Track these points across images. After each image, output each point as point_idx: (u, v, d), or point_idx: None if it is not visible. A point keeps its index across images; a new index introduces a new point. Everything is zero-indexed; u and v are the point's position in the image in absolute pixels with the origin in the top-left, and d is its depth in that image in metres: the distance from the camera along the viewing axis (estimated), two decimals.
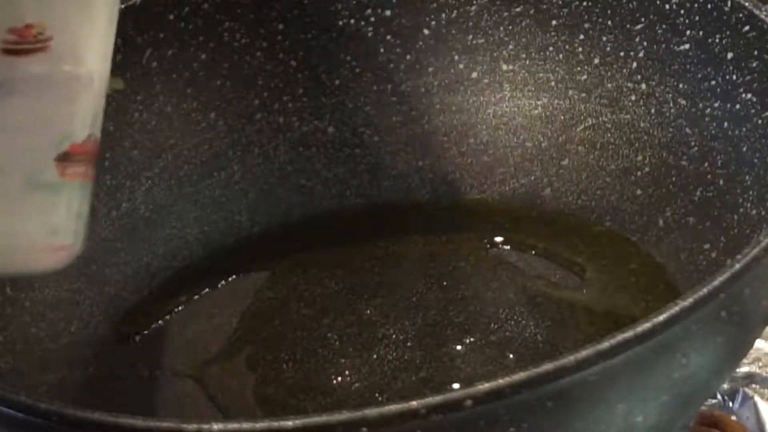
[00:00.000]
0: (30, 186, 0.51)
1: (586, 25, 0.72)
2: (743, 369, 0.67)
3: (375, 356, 0.68)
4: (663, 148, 0.70)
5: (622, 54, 0.71)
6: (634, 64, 0.70)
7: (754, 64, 0.63)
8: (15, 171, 0.51)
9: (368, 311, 0.70)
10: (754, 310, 0.53)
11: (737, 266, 0.50)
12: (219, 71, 0.74)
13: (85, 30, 0.55)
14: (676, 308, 0.47)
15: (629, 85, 0.71)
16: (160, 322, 0.69)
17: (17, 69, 0.54)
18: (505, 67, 0.74)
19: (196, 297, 0.71)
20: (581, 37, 0.72)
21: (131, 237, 0.71)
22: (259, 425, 0.46)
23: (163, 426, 0.46)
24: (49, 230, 0.51)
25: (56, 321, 0.65)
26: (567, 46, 0.73)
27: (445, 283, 0.72)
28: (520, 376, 0.45)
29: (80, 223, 0.53)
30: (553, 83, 0.74)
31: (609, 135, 0.73)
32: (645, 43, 0.70)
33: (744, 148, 0.64)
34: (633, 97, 0.71)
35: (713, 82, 0.66)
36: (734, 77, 0.64)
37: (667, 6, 0.68)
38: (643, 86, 0.70)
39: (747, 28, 0.63)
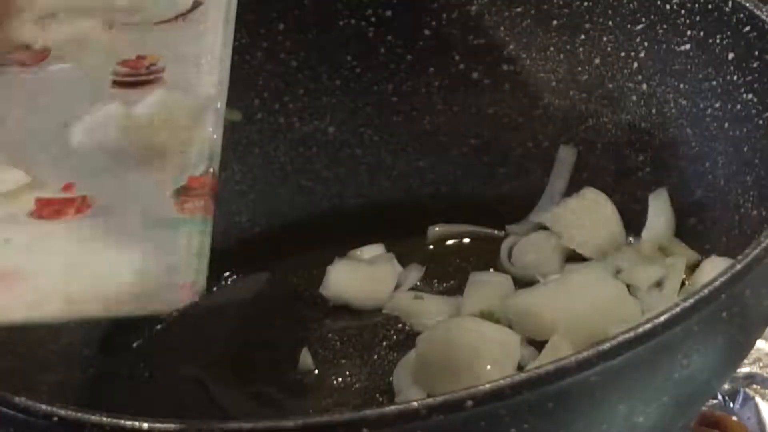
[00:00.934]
0: (149, 222, 0.49)
1: (587, 26, 0.72)
2: (744, 369, 0.67)
3: (375, 356, 0.68)
4: (663, 149, 0.70)
5: (622, 54, 0.71)
6: (635, 65, 0.70)
7: (755, 65, 0.63)
8: (134, 206, 0.50)
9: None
10: (755, 311, 0.53)
11: (738, 267, 0.50)
12: None
13: (198, 58, 0.55)
14: (677, 309, 0.47)
15: (630, 85, 0.71)
16: (160, 322, 0.69)
17: (131, 101, 0.53)
18: (505, 67, 0.74)
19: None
20: (582, 37, 0.72)
21: None
22: (259, 425, 0.46)
23: (163, 427, 0.46)
24: (170, 268, 0.48)
25: None
26: (568, 47, 0.73)
27: (445, 284, 0.72)
28: (521, 376, 0.45)
29: (202, 261, 0.50)
30: (553, 83, 0.74)
31: (610, 135, 0.73)
32: (646, 44, 0.70)
33: (745, 149, 0.64)
34: (634, 98, 0.71)
35: (714, 83, 0.66)
36: (735, 77, 0.64)
37: (668, 6, 0.68)
38: (644, 86, 0.70)
39: (748, 28, 0.63)
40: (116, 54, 0.55)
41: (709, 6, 0.65)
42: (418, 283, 0.72)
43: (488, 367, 0.60)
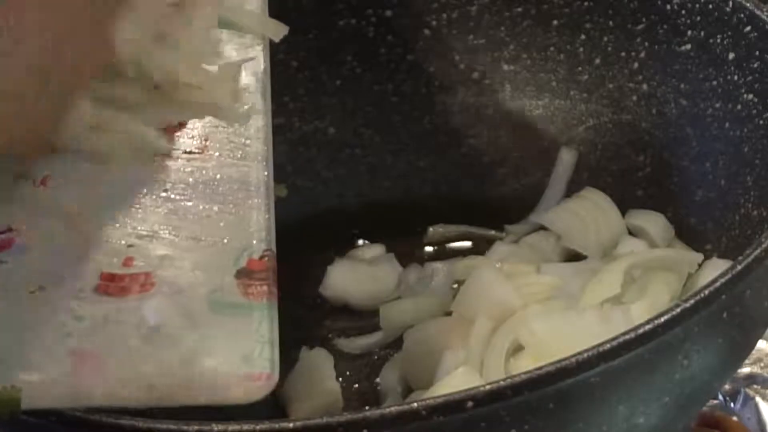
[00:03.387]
0: (214, 306, 0.49)
1: (588, 26, 0.72)
2: (745, 370, 0.67)
3: (376, 357, 0.68)
4: (664, 149, 0.70)
5: (623, 54, 0.71)
6: (636, 65, 0.70)
7: (756, 65, 0.63)
8: (197, 288, 0.49)
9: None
10: (756, 311, 0.53)
11: (738, 267, 0.49)
12: None
13: (244, 132, 0.55)
14: (677, 309, 0.47)
15: (630, 85, 0.71)
16: None
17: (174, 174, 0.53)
18: (505, 67, 0.74)
19: None
20: (582, 37, 0.72)
21: None
22: (260, 426, 0.46)
23: (163, 427, 0.46)
24: (241, 357, 0.48)
25: None
26: (568, 46, 0.73)
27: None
28: (521, 377, 0.45)
29: (274, 350, 0.49)
30: (554, 83, 0.74)
31: (610, 135, 0.73)
32: (646, 44, 0.70)
33: (745, 149, 0.64)
34: (634, 98, 0.71)
35: (714, 83, 0.66)
36: (735, 78, 0.64)
37: (669, 6, 0.68)
38: (645, 86, 0.70)
39: (748, 28, 0.63)
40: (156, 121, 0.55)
41: (710, 6, 0.65)
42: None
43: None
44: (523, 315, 0.60)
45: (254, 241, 0.51)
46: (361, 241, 0.74)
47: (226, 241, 0.51)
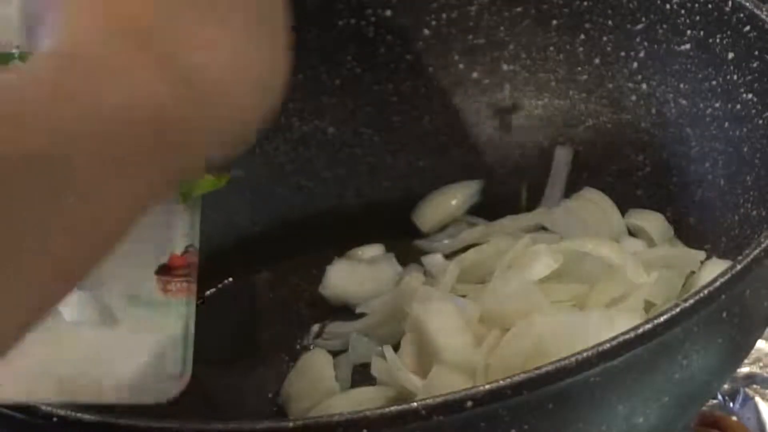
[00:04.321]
0: (132, 302, 0.49)
1: (587, 25, 0.72)
2: (744, 369, 0.67)
3: None
4: (664, 148, 0.70)
5: (622, 54, 0.71)
6: (635, 64, 0.70)
7: (755, 64, 0.63)
8: (116, 283, 0.49)
9: None
10: (755, 311, 0.53)
11: (738, 267, 0.50)
12: None
13: None
14: (677, 309, 0.47)
15: (630, 85, 0.71)
16: None
17: None
18: (505, 67, 0.74)
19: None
20: (582, 37, 0.72)
21: None
22: (260, 425, 0.46)
23: (164, 426, 0.46)
24: (153, 356, 0.48)
25: None
26: (567, 46, 0.73)
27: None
28: (521, 377, 0.45)
29: (187, 350, 0.49)
30: (553, 83, 0.74)
31: (610, 135, 0.72)
32: (646, 43, 0.70)
33: (745, 149, 0.64)
34: (634, 98, 0.71)
35: (714, 82, 0.66)
36: (735, 77, 0.64)
37: (668, 6, 0.68)
38: (644, 86, 0.70)
39: (748, 28, 0.63)
40: None
41: (709, 6, 0.65)
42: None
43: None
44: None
45: (177, 237, 0.51)
46: (360, 241, 0.74)
47: (148, 236, 0.50)
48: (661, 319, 0.47)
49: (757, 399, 0.66)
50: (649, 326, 0.47)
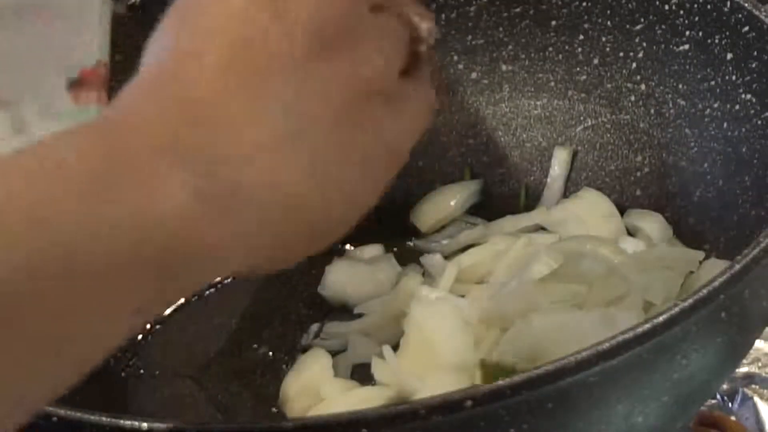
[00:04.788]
0: (45, 116, 0.50)
1: (586, 26, 0.72)
2: (743, 369, 0.67)
3: None
4: (662, 149, 0.70)
5: (621, 54, 0.71)
6: (634, 65, 0.71)
7: (754, 65, 0.63)
8: (29, 101, 0.50)
9: None
10: (754, 311, 0.53)
11: (737, 267, 0.50)
12: None
13: None
14: (676, 309, 0.47)
15: (629, 85, 0.71)
16: (160, 323, 0.69)
17: None
18: (504, 67, 0.74)
19: (196, 297, 0.70)
20: (581, 37, 0.72)
21: None
22: (260, 426, 0.46)
23: (163, 427, 0.46)
24: None
25: None
26: (566, 47, 0.73)
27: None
28: (521, 377, 0.45)
29: None
30: (552, 83, 0.74)
31: (608, 135, 0.73)
32: (644, 44, 0.70)
33: (743, 149, 0.64)
34: (632, 98, 0.71)
35: (713, 83, 0.66)
36: (734, 78, 0.64)
37: (667, 6, 0.68)
38: (643, 87, 0.70)
39: (746, 28, 0.63)
40: None
41: (708, 6, 0.65)
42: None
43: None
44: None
45: (87, 53, 0.52)
46: (359, 241, 0.74)
47: (60, 53, 0.51)
48: (660, 318, 0.47)
49: (756, 399, 0.66)
50: (648, 326, 0.47)
